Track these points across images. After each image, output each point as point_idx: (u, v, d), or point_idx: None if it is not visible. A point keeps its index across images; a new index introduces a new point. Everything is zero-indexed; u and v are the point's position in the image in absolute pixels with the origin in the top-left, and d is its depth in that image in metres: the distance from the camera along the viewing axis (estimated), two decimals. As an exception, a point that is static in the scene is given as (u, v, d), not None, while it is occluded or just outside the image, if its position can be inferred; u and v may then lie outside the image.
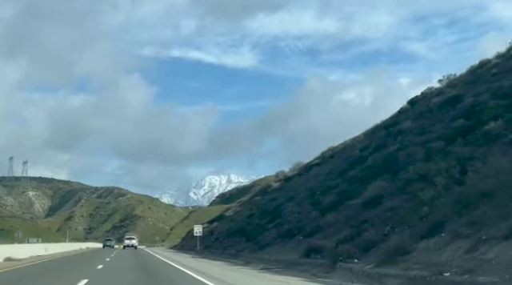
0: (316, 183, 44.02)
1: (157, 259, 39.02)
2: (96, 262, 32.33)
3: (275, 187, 64.42)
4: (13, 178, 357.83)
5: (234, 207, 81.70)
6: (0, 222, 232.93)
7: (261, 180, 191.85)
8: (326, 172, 45.95)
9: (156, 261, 36.44)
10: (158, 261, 36.45)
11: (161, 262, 34.37)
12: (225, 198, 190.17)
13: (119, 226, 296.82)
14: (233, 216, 67.07)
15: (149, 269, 26.07)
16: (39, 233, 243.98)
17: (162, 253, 56.76)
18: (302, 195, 44.68)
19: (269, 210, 49.50)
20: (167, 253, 56.22)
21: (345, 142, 54.20)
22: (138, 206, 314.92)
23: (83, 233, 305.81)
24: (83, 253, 52.28)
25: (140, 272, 23.46)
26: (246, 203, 73.70)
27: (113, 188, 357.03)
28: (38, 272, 23.44)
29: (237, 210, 71.23)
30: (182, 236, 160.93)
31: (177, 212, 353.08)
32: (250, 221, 52.45)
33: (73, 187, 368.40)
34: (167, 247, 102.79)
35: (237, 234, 52.19)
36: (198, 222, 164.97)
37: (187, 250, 65.13)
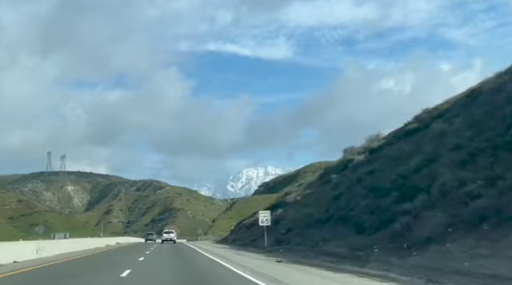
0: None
1: (220, 269, 21.35)
2: (106, 276, 15.93)
3: (359, 161, 47.26)
4: (51, 173, 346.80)
5: (296, 191, 64.25)
6: (36, 217, 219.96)
7: (307, 167, 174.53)
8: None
9: (221, 274, 18.82)
10: (223, 273, 18.82)
11: (231, 276, 17.19)
12: (269, 187, 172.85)
13: (158, 220, 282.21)
14: (303, 200, 49.49)
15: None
16: (75, 228, 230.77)
17: (213, 250, 39.31)
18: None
19: (373, 185, 31.90)
20: (221, 251, 38.61)
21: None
22: (176, 198, 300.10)
23: (122, 227, 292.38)
24: (102, 253, 35.32)
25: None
26: (315, 185, 56.24)
27: (151, 181, 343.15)
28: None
29: (305, 193, 53.57)
30: (226, 228, 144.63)
31: (216, 204, 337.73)
32: (342, 203, 34.96)
33: (111, 181, 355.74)
34: (213, 241, 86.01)
35: (323, 223, 34.82)
36: (243, 214, 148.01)
37: (244, 245, 47.95)
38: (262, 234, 48.98)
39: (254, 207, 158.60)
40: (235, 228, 74.88)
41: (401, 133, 46.34)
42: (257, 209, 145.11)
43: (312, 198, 47.30)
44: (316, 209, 39.14)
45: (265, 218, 38.60)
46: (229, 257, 27.75)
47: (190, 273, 18.51)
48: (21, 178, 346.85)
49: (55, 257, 27.56)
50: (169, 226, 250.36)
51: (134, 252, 36.15)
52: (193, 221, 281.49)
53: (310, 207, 41.52)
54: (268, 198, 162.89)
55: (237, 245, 49.84)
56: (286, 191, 69.70)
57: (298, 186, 71.31)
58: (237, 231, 67.40)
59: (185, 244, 62.91)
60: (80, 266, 22.24)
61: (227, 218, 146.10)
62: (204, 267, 21.41)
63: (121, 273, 17.39)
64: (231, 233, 76.28)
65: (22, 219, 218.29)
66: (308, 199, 48.60)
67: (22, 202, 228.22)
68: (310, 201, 46.85)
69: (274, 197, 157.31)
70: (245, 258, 27.22)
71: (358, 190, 33.95)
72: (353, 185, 37.89)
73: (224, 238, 75.17)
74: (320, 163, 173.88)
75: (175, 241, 72.27)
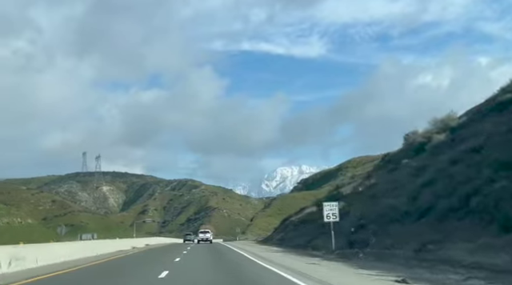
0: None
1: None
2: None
3: (440, 141, 37.57)
4: (87, 173, 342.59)
5: (350, 183, 54.41)
6: (70, 218, 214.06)
7: (348, 162, 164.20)
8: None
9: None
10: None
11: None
12: (307, 184, 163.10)
13: (193, 219, 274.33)
14: (369, 191, 39.65)
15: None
16: (110, 228, 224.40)
17: (264, 255, 29.15)
18: None
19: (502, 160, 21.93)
20: (276, 256, 27.88)
21: None
22: (212, 197, 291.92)
23: (157, 227, 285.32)
24: (114, 263, 25.89)
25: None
26: (379, 174, 46.46)
27: (186, 180, 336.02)
28: None
29: (368, 183, 43.68)
30: (265, 227, 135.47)
31: (252, 203, 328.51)
32: (439, 190, 25.04)
33: (146, 181, 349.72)
34: (254, 241, 76.52)
35: (416, 217, 24.96)
36: (282, 211, 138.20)
37: (299, 247, 38.20)
38: (321, 232, 39.19)
39: (294, 205, 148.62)
40: (279, 226, 65.11)
41: (486, 108, 36.89)
42: (296, 206, 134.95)
43: (382, 189, 37.38)
44: (396, 199, 29.20)
45: (331, 212, 28.74)
46: (301, 269, 18.05)
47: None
48: (57, 178, 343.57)
49: (37, 270, 18.40)
50: (204, 225, 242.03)
51: (160, 257, 27.10)
52: (228, 220, 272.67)
53: (387, 198, 31.60)
54: (308, 195, 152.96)
55: (289, 247, 40.10)
56: (338, 184, 59.56)
57: (351, 178, 61.30)
58: (283, 230, 57.64)
59: (223, 245, 53.64)
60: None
61: (265, 217, 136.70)
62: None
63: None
64: (275, 232, 66.56)
65: (56, 220, 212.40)
66: (376, 190, 38.67)
67: (56, 202, 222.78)
68: (379, 191, 36.94)
69: (314, 193, 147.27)
70: (329, 271, 17.46)
71: (462, 172, 23.98)
72: (447, 167, 27.90)
73: (267, 238, 65.69)
74: (361, 158, 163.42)
75: (212, 241, 68.82)
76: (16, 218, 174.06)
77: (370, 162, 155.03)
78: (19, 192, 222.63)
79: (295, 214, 62.81)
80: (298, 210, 63.69)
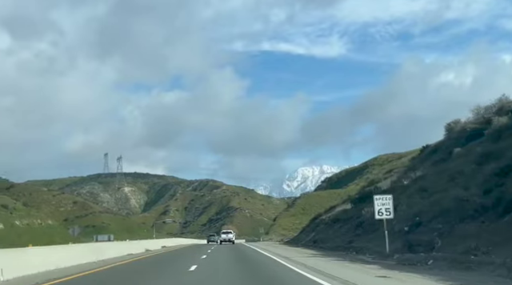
0: None
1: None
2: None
3: (503, 124, 32.01)
4: (108, 174, 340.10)
5: (387, 177, 48.77)
6: (91, 219, 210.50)
7: (374, 159, 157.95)
8: None
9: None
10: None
11: None
12: (332, 183, 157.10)
13: (215, 219, 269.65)
14: (418, 184, 34.02)
15: None
16: (131, 229, 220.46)
17: (301, 260, 23.62)
18: None
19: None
20: (317, 262, 22.10)
21: None
22: (233, 197, 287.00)
23: (178, 227, 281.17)
24: (111, 272, 20.56)
25: None
26: (425, 165, 40.81)
27: (207, 181, 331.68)
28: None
29: (415, 175, 38.01)
30: (289, 227, 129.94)
31: (274, 203, 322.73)
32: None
33: (168, 181, 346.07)
34: (279, 242, 71.05)
35: (500, 213, 19.35)
36: (307, 211, 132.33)
37: (337, 249, 32.69)
38: (362, 232, 33.69)
39: (318, 204, 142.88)
40: (308, 225, 59.45)
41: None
42: (321, 205, 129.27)
43: (432, 180, 31.68)
44: (466, 192, 23.51)
45: (384, 207, 23.08)
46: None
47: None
48: (78, 180, 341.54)
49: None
50: (226, 225, 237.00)
51: (174, 264, 21.95)
52: (250, 220, 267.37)
53: (446, 191, 25.91)
54: (333, 194, 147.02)
55: (326, 249, 34.49)
56: (373, 179, 53.85)
57: (388, 172, 55.56)
58: (313, 230, 52.02)
59: (247, 246, 48.35)
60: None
61: (289, 216, 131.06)
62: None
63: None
64: (303, 232, 60.93)
65: (77, 221, 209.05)
66: (425, 182, 32.98)
67: (77, 203, 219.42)
68: (430, 183, 31.28)
69: (339, 192, 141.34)
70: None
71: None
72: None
73: (294, 239, 60.13)
74: (387, 155, 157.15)
75: (234, 241, 67.41)
76: (36, 219, 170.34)
77: (396, 159, 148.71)
78: (40, 193, 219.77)
79: (325, 212, 57.20)
80: (327, 209, 58.10)
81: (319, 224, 50.77)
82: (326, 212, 55.98)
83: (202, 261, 23.99)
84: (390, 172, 53.59)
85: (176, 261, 25.67)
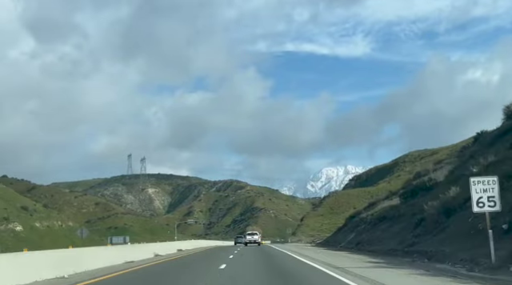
0: None
1: None
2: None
3: None
4: (132, 176, 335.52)
5: (436, 168, 40.99)
6: (113, 220, 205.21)
7: (405, 156, 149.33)
8: None
9: None
10: None
11: None
12: (361, 181, 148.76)
13: (239, 220, 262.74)
14: (496, 170, 25.87)
15: None
16: (154, 230, 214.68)
17: (357, 272, 16.32)
18: None
19: None
20: (385, 275, 14.93)
21: None
22: (258, 198, 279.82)
23: (203, 229, 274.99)
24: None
25: None
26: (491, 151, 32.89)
27: (231, 181, 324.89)
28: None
29: (485, 162, 29.92)
30: (317, 227, 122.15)
31: (298, 203, 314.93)
32: None
33: (191, 182, 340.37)
34: (310, 243, 63.45)
35: None
36: (336, 210, 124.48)
37: (388, 254, 25.17)
38: (424, 231, 26.06)
39: (348, 202, 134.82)
40: (345, 225, 51.67)
41: None
42: (352, 204, 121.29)
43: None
44: None
45: (485, 194, 15.50)
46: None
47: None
48: (102, 181, 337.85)
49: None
50: (251, 226, 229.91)
51: (182, 276, 14.91)
52: (275, 221, 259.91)
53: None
54: (362, 192, 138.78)
55: (377, 254, 26.83)
56: (419, 171, 45.89)
57: (436, 163, 47.57)
58: (351, 230, 44.32)
59: (276, 249, 41.04)
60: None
61: (317, 216, 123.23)
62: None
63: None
64: (338, 232, 53.21)
65: (100, 223, 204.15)
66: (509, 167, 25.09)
67: (99, 205, 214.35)
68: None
69: (369, 190, 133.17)
70: None
71: None
72: None
73: (328, 240, 52.54)
74: (419, 152, 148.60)
75: (260, 243, 63.59)
76: (57, 221, 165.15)
77: (429, 155, 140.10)
78: (62, 195, 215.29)
79: (364, 210, 49.47)
80: (366, 206, 50.33)
81: (359, 223, 43.12)
82: (366, 209, 48.28)
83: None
84: (438, 163, 45.68)
85: (190, 268, 18.61)
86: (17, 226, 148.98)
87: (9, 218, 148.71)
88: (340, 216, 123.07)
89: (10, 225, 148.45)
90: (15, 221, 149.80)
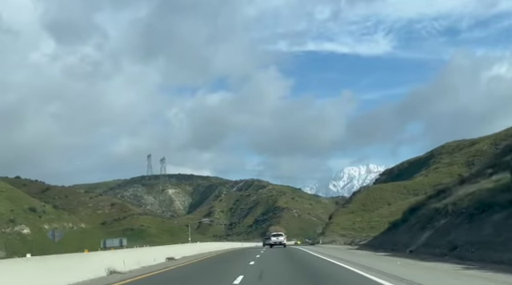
0: None
1: None
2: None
3: None
4: (152, 176, 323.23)
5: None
6: (129, 221, 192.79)
7: (442, 148, 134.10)
8: None
9: None
10: None
11: None
12: (393, 175, 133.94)
13: (261, 220, 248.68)
14: None
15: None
16: (172, 231, 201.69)
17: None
18: None
19: None
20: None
21: None
22: (280, 197, 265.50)
23: (224, 229, 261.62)
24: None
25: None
26: None
27: (252, 180, 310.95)
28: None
29: None
30: (349, 226, 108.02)
31: (322, 203, 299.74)
32: None
33: (212, 182, 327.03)
34: (347, 245, 49.41)
35: None
36: (368, 206, 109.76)
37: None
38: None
39: (382, 198, 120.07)
40: (405, 220, 37.26)
41: None
42: (386, 200, 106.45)
43: None
44: None
45: None
46: None
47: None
48: (122, 183, 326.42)
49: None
50: (273, 226, 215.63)
51: None
52: (298, 220, 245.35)
53: None
54: (398, 187, 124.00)
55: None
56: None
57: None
58: (422, 226, 30.08)
59: (311, 254, 27.30)
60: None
61: (347, 213, 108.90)
62: None
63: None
64: (393, 229, 38.91)
65: (115, 224, 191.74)
66: None
67: (115, 205, 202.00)
68: None
69: (405, 184, 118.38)
70: None
71: None
72: None
73: (375, 241, 38.60)
74: (456, 142, 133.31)
75: (285, 245, 59.89)
76: (67, 223, 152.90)
77: (468, 146, 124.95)
78: (77, 196, 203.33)
79: (429, 198, 35.16)
80: (433, 193, 35.93)
81: (434, 216, 28.91)
82: (432, 198, 34.01)
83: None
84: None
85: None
86: (24, 229, 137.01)
87: (15, 220, 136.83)
88: (374, 213, 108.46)
89: (17, 227, 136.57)
90: (22, 223, 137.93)
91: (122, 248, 46.34)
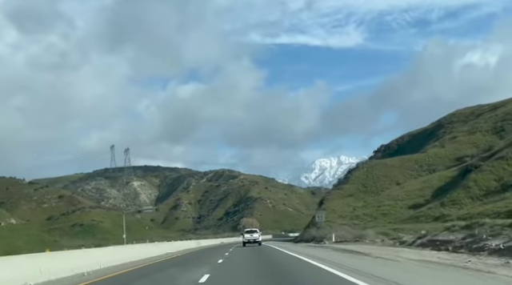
0: None
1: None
2: None
3: None
4: (116, 169, 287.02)
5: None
6: (79, 216, 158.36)
7: (451, 116, 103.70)
8: None
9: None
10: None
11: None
12: (391, 151, 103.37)
13: (233, 212, 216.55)
14: None
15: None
16: (129, 227, 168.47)
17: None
18: None
19: None
20: None
21: None
22: (252, 187, 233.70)
23: (192, 223, 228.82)
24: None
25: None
26: None
27: (223, 171, 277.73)
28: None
29: None
30: (348, 213, 77.38)
31: (297, 192, 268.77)
32: None
33: (180, 174, 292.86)
34: (381, 243, 18.55)
35: None
36: (370, 189, 74.44)
37: None
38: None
39: (388, 175, 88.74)
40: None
41: None
42: (393, 177, 74.58)
43: None
44: None
45: None
46: None
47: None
48: (84, 176, 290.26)
49: None
50: (246, 218, 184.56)
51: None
52: (273, 211, 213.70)
53: None
54: (407, 161, 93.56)
55: None
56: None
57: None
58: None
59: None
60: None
61: (343, 197, 77.79)
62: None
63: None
64: None
65: (63, 219, 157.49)
66: None
67: (63, 198, 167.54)
68: None
69: (416, 158, 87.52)
70: None
71: None
72: None
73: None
74: (471, 108, 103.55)
75: (260, 243, 50.61)
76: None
77: (490, 110, 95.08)
78: (19, 188, 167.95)
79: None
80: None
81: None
82: None
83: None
84: None
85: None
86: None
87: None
88: (381, 196, 77.92)
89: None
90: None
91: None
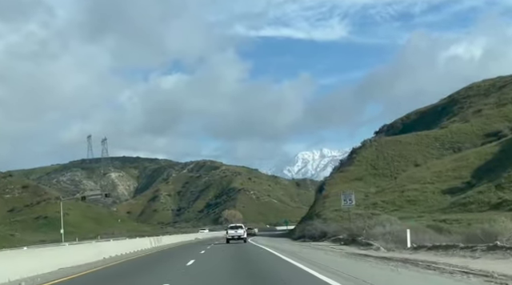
0: None
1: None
2: None
3: None
4: (93, 160, 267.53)
5: None
6: (44, 208, 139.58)
7: (469, 89, 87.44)
8: None
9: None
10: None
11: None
12: (396, 131, 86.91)
13: (214, 204, 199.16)
14: None
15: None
16: (101, 220, 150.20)
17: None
18: None
19: None
20: None
21: None
22: (235, 177, 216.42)
23: (171, 215, 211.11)
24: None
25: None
26: None
27: (204, 162, 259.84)
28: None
29: None
30: (360, 201, 60.59)
31: (282, 183, 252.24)
32: None
33: (160, 165, 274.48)
34: None
35: None
36: (385, 171, 60.07)
37: None
38: None
39: (402, 154, 70.37)
40: None
41: None
42: (410, 156, 58.98)
43: None
44: None
45: None
46: None
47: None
48: (60, 167, 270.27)
49: None
50: (228, 210, 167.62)
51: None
52: (257, 203, 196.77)
53: None
54: (425, 138, 76.06)
55: None
56: None
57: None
58: None
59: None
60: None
61: (349, 181, 60.68)
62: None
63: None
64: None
65: (26, 211, 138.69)
66: None
67: (27, 188, 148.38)
68: None
69: (434, 134, 70.48)
70: None
71: None
72: None
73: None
74: (492, 80, 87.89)
75: (245, 239, 45.01)
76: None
77: (510, 82, 79.23)
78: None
79: None
80: None
81: None
82: None
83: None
84: None
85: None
86: None
87: None
88: (399, 179, 60.99)
89: None
90: None
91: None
